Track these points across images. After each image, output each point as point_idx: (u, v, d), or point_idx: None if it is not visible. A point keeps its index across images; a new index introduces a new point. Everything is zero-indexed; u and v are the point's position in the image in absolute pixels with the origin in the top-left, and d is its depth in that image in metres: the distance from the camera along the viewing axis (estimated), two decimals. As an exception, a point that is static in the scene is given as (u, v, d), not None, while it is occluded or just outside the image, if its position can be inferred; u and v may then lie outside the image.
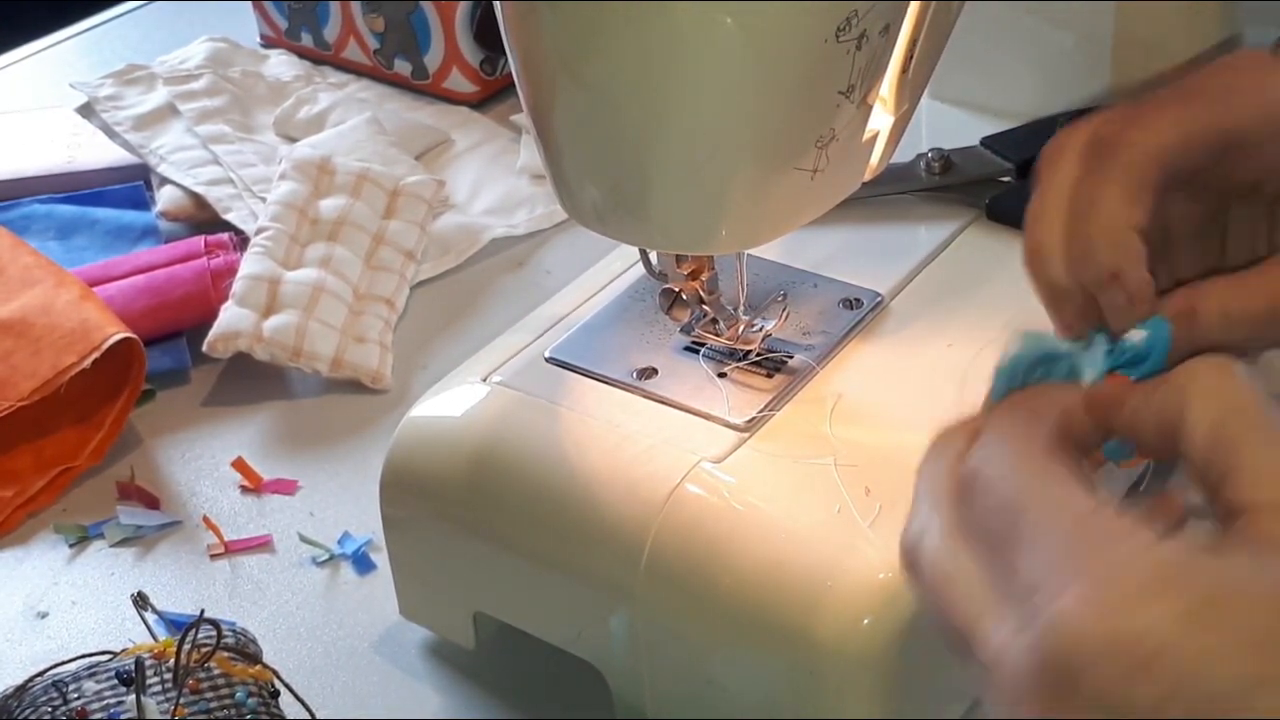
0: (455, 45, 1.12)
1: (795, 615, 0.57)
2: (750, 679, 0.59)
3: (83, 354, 0.83)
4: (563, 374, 0.67)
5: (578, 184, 0.61)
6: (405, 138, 1.07)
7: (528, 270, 0.99)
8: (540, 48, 0.58)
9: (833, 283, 0.70)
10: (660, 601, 0.60)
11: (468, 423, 0.66)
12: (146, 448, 0.86)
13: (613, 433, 0.63)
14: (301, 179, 0.96)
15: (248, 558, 0.78)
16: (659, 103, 0.56)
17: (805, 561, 0.58)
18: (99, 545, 0.80)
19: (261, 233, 0.93)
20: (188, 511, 0.82)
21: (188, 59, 1.15)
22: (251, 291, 0.89)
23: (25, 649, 0.74)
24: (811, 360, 0.66)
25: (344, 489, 0.82)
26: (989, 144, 0.78)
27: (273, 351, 0.88)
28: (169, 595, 0.76)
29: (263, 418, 0.88)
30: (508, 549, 0.65)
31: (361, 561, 0.77)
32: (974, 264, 0.72)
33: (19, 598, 0.77)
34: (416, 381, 0.89)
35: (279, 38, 1.21)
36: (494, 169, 1.07)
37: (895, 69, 0.61)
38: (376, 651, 0.72)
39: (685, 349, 0.67)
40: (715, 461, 0.61)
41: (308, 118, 1.09)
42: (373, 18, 1.14)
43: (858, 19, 0.55)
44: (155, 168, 1.04)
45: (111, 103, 1.09)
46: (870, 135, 0.62)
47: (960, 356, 0.66)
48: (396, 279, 0.94)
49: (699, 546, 0.59)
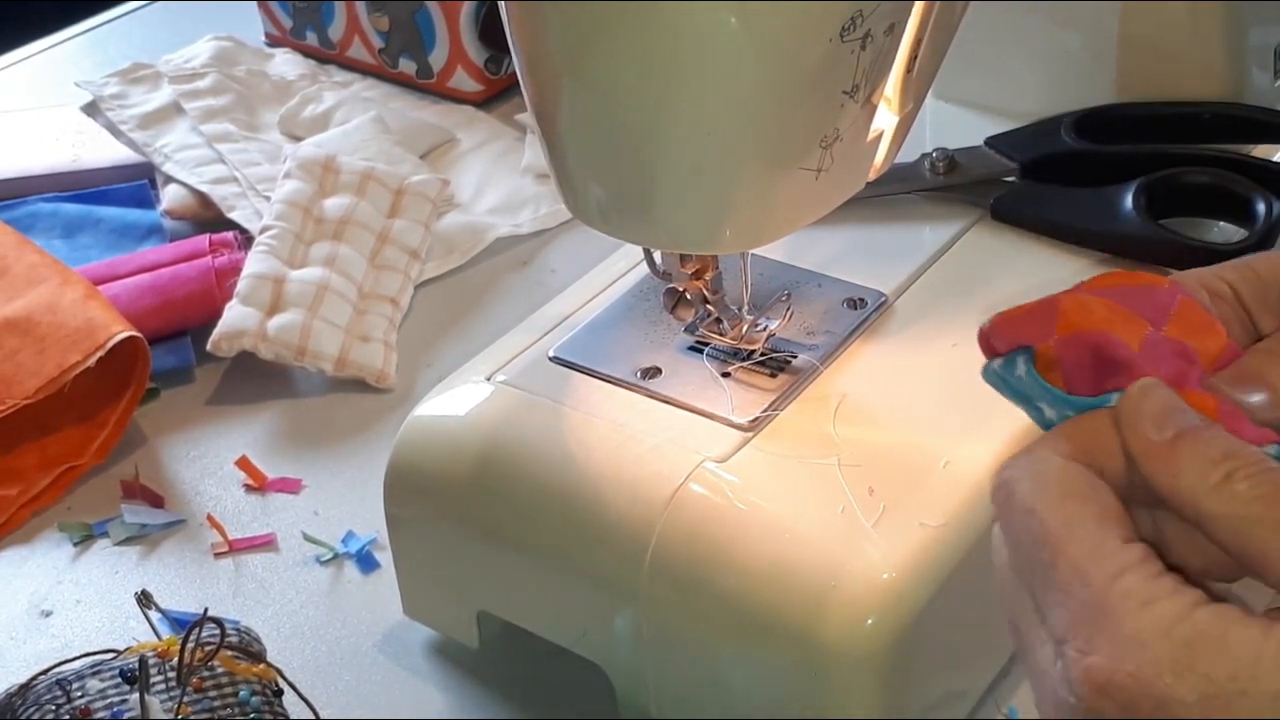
0: (460, 44, 1.12)
1: (799, 615, 0.57)
2: (754, 679, 0.59)
3: (87, 352, 0.83)
4: (567, 373, 0.67)
5: (582, 183, 0.61)
6: (410, 137, 1.07)
7: (532, 269, 0.99)
8: (545, 47, 0.58)
9: (837, 282, 0.70)
10: (664, 601, 0.60)
11: (472, 422, 0.66)
12: (151, 446, 0.86)
13: (617, 432, 0.63)
14: (306, 178, 0.96)
15: (252, 556, 0.79)
16: (663, 102, 0.56)
17: (809, 561, 0.58)
18: (103, 544, 0.80)
19: (266, 231, 0.93)
20: (192, 510, 0.82)
21: (193, 58, 1.15)
22: (256, 290, 0.89)
23: (29, 647, 0.74)
24: (815, 360, 0.66)
25: (348, 488, 0.82)
26: (993, 144, 0.78)
27: (277, 350, 0.88)
28: (173, 594, 0.76)
29: (267, 417, 0.88)
30: (512, 548, 0.65)
31: (365, 560, 0.77)
32: (978, 264, 0.72)
33: (23, 596, 0.77)
34: (421, 380, 0.90)
35: (284, 37, 1.21)
36: (499, 168, 1.07)
37: (900, 69, 0.61)
38: (380, 650, 0.72)
39: (689, 348, 0.67)
40: (719, 461, 0.61)
41: (312, 117, 1.09)
42: (377, 17, 1.15)
43: (862, 19, 0.55)
44: (160, 166, 1.04)
45: (116, 101, 1.09)
46: (875, 135, 0.62)
47: (964, 356, 0.66)
48: (401, 278, 0.94)
49: (703, 546, 0.59)
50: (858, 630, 0.57)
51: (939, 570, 0.58)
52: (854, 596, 0.57)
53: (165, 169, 1.03)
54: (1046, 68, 0.82)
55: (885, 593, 0.57)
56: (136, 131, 1.06)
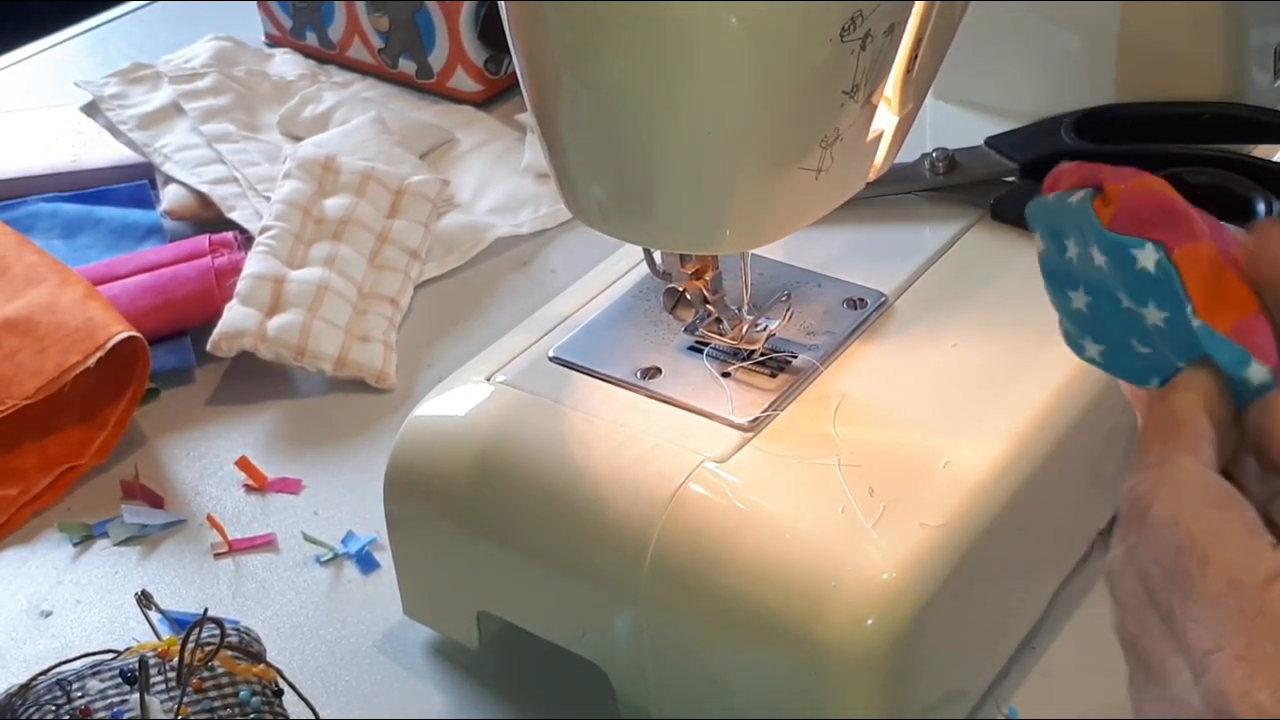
0: (460, 44, 1.12)
1: (799, 615, 0.57)
2: (754, 679, 0.59)
3: (87, 353, 0.83)
4: (567, 373, 0.67)
5: (582, 183, 0.61)
6: (410, 137, 1.07)
7: (532, 270, 0.99)
8: (545, 47, 0.58)
9: (837, 282, 0.70)
10: (664, 601, 0.60)
11: (472, 422, 0.66)
12: (151, 447, 0.86)
13: (616, 432, 0.63)
14: (306, 178, 0.96)
15: (252, 557, 0.78)
16: (663, 102, 0.56)
17: (809, 562, 0.58)
18: (103, 544, 0.80)
19: (266, 232, 0.93)
20: (192, 510, 0.82)
21: (193, 58, 1.15)
22: (256, 290, 0.89)
23: (29, 648, 0.74)
24: (815, 360, 0.66)
25: (348, 488, 0.82)
26: (994, 144, 0.78)
27: (277, 351, 0.88)
28: (173, 594, 0.76)
29: (267, 417, 0.88)
30: (512, 548, 0.65)
31: (365, 561, 0.77)
32: (978, 264, 0.72)
33: (23, 596, 0.77)
34: (421, 381, 0.90)
35: (284, 37, 1.21)
36: (498, 168, 1.07)
37: (900, 69, 0.61)
38: (380, 651, 0.72)
39: (689, 348, 0.67)
40: (719, 461, 0.61)
41: (312, 117, 1.09)
42: (377, 17, 1.15)
43: (862, 19, 0.55)
44: (160, 166, 1.04)
45: (116, 101, 1.09)
46: (875, 135, 0.62)
47: (965, 356, 0.66)
48: (401, 278, 0.94)
49: (703, 546, 0.59)
50: (858, 630, 0.56)
51: (939, 570, 0.58)
52: (854, 596, 0.57)
53: (165, 169, 1.03)
54: (1046, 68, 0.82)
55: (885, 593, 0.57)
56: (136, 131, 1.06)
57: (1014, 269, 0.71)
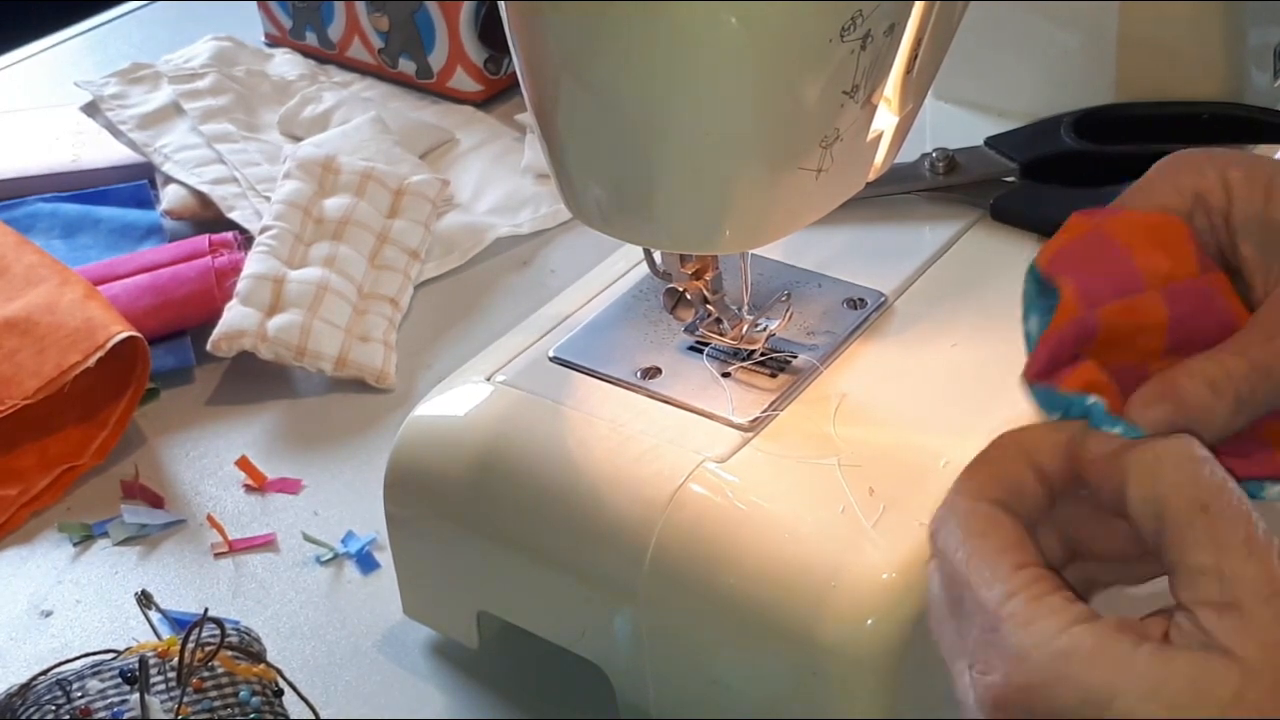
0: (460, 44, 1.12)
1: (799, 615, 0.57)
2: (754, 679, 0.59)
3: (87, 353, 0.83)
4: (567, 373, 0.67)
5: (582, 183, 0.61)
6: (409, 137, 1.07)
7: (532, 270, 0.99)
8: (545, 47, 0.58)
9: (837, 282, 0.70)
10: (664, 601, 0.60)
11: (471, 422, 0.66)
12: (151, 447, 0.86)
13: (616, 432, 0.63)
14: (306, 178, 0.96)
15: (251, 557, 0.79)
16: (663, 102, 0.56)
17: (809, 562, 0.58)
18: (103, 544, 0.80)
19: (266, 232, 0.93)
20: (192, 510, 0.82)
21: (192, 58, 1.15)
22: (256, 290, 0.89)
23: (29, 648, 0.74)
24: (815, 360, 0.66)
25: (348, 488, 0.82)
26: (993, 144, 0.78)
27: (277, 351, 0.88)
28: (173, 594, 0.76)
29: (267, 417, 0.88)
30: (511, 548, 0.65)
31: (365, 560, 0.77)
32: (978, 264, 0.72)
33: (23, 596, 0.77)
34: (421, 381, 0.90)
35: (284, 37, 1.21)
36: (498, 168, 1.07)
37: (900, 69, 0.61)
38: (380, 651, 0.72)
39: (689, 349, 0.67)
40: (719, 461, 0.61)
41: (312, 117, 1.09)
42: (377, 17, 1.15)
43: (862, 19, 0.55)
44: (160, 166, 1.04)
45: (116, 101, 1.09)
46: (875, 135, 0.62)
47: (964, 356, 0.66)
48: (401, 278, 0.94)
49: (703, 546, 0.59)
50: (858, 630, 0.57)
51: (939, 570, 0.58)
52: (854, 596, 0.57)
53: (165, 169, 1.03)
54: (1046, 68, 0.82)
55: (885, 593, 0.57)
56: (136, 131, 1.06)
57: (1014, 269, 0.71)
